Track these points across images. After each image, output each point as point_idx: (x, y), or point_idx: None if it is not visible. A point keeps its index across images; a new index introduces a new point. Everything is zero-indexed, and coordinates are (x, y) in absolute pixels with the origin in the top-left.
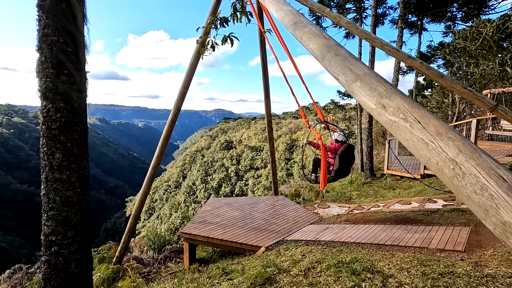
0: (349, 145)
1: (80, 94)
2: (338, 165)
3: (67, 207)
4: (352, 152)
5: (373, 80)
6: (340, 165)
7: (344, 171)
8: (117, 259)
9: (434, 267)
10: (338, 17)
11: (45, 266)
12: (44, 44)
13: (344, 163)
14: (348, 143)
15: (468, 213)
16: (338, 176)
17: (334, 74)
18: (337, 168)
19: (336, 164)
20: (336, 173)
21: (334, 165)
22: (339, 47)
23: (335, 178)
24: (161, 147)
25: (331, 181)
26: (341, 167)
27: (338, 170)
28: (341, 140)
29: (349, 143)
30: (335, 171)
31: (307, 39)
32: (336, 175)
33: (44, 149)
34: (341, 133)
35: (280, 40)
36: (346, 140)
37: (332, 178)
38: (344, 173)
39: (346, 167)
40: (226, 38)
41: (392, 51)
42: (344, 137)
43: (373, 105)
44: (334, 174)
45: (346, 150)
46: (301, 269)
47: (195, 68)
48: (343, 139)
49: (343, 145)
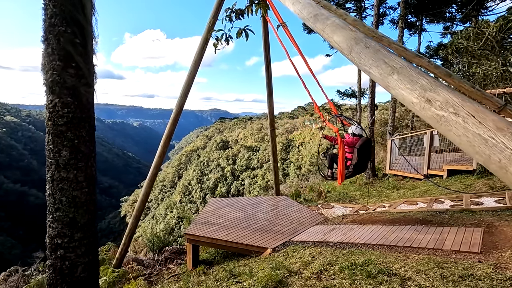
0: (367, 139)
1: (88, 89)
2: (356, 160)
3: (74, 208)
4: (370, 146)
5: (412, 72)
6: (359, 159)
7: (362, 166)
8: (117, 261)
9: (452, 269)
10: (345, 15)
11: (50, 270)
12: (51, 34)
13: (362, 158)
14: (366, 136)
15: (479, 213)
16: (356, 171)
17: (365, 67)
18: (355, 163)
19: (354, 158)
20: (354, 168)
21: (352, 159)
22: (369, 39)
23: (353, 173)
24: (163, 146)
25: (349, 176)
26: (359, 161)
27: (356, 164)
28: (359, 134)
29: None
30: (354, 166)
31: (330, 31)
32: (355, 170)
33: (50, 147)
34: (358, 126)
35: (289, 37)
36: (363, 134)
37: (350, 174)
38: (362, 168)
39: (364, 161)
40: (241, 31)
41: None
42: (361, 130)
43: (415, 99)
44: (353, 169)
45: (364, 144)
46: (313, 271)
47: (198, 65)
48: (360, 133)
49: (361, 139)
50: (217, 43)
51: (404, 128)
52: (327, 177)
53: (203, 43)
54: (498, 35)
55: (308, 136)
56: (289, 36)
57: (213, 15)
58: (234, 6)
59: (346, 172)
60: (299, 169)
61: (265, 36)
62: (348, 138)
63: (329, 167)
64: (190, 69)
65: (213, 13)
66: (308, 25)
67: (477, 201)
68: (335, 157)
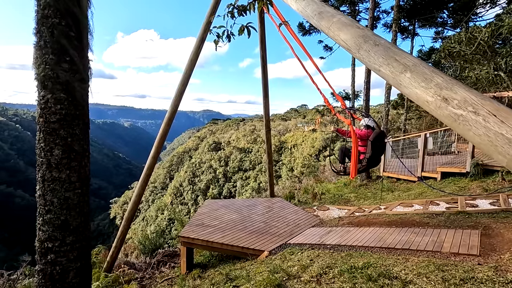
0: (381, 131)
1: (83, 84)
2: (370, 153)
3: (66, 210)
4: (384, 138)
5: (426, 70)
6: (373, 152)
7: (376, 160)
8: (108, 265)
9: (453, 272)
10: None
11: (40, 276)
12: (44, 27)
13: (376, 150)
14: (379, 128)
15: (475, 215)
16: (370, 165)
17: (375, 66)
18: (369, 156)
19: (368, 151)
20: (368, 161)
21: (366, 153)
22: (378, 36)
23: (367, 167)
24: (157, 147)
25: (363, 170)
26: (373, 154)
27: (370, 158)
28: (372, 126)
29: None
30: (367, 159)
31: (336, 29)
32: (368, 164)
33: (41, 145)
34: (370, 118)
35: (293, 35)
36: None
37: (363, 168)
38: (376, 161)
39: (378, 155)
40: (244, 27)
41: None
42: (374, 122)
43: (430, 98)
44: (366, 163)
45: (378, 136)
46: (312, 274)
47: (194, 64)
48: (373, 125)
49: (374, 131)
50: (218, 40)
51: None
52: (340, 172)
53: (199, 42)
54: (490, 40)
55: (300, 138)
56: (293, 34)
57: (210, 13)
58: (237, 2)
59: (359, 166)
60: (291, 171)
61: (261, 35)
62: (360, 131)
63: (341, 162)
64: (186, 69)
65: (210, 11)
66: (312, 23)
67: (472, 203)
68: (347, 151)
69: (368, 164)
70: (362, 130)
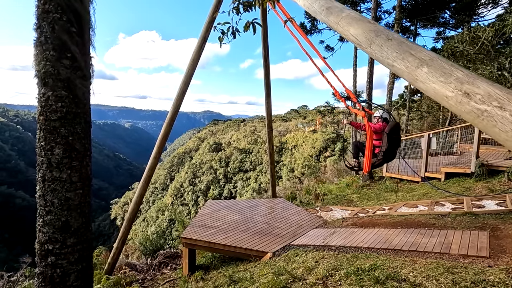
0: (396, 123)
1: (85, 82)
2: (386, 146)
3: (67, 211)
4: (400, 131)
5: (445, 64)
6: (389, 145)
7: (392, 153)
8: (109, 266)
9: (463, 274)
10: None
11: (40, 279)
12: (44, 22)
13: (392, 143)
14: (394, 121)
15: (481, 216)
16: (385, 159)
17: (388, 61)
18: (385, 149)
19: (384, 144)
20: (384, 155)
21: (381, 146)
22: (390, 31)
23: (383, 161)
24: (159, 147)
25: (378, 165)
26: (389, 148)
27: (386, 151)
28: (386, 118)
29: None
30: (383, 153)
31: (346, 24)
32: (384, 158)
33: (42, 144)
34: (385, 110)
35: (300, 32)
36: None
37: (379, 162)
38: (392, 155)
39: (394, 148)
40: (249, 24)
41: None
42: (388, 114)
43: (450, 93)
44: (382, 157)
45: (394, 128)
46: (318, 277)
47: (196, 64)
48: (387, 117)
49: (389, 124)
50: (222, 37)
51: None
52: (353, 168)
53: (202, 42)
54: (493, 39)
55: (301, 139)
56: (299, 31)
57: (213, 11)
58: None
59: (374, 160)
60: (292, 172)
61: (264, 34)
62: (374, 124)
63: (354, 157)
64: (188, 68)
65: (213, 9)
66: (319, 18)
67: (479, 204)
68: (361, 146)
69: (384, 158)
70: (376, 123)
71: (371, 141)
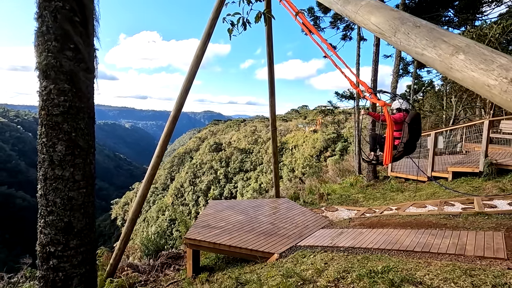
0: (417, 113)
1: (88, 75)
2: (407, 137)
3: (69, 211)
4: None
5: (484, 51)
6: (410, 136)
7: (413, 145)
8: (111, 267)
9: (482, 277)
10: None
11: (41, 283)
12: (46, 11)
13: (414, 134)
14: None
15: (494, 217)
16: (406, 151)
17: (416, 49)
18: (406, 141)
19: (404, 135)
20: (405, 146)
21: (402, 137)
22: (417, 18)
23: (403, 153)
24: (162, 146)
25: (398, 157)
26: (411, 139)
27: (407, 143)
28: (405, 108)
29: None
30: (404, 144)
31: (366, 12)
32: (405, 150)
33: (43, 140)
34: (404, 100)
35: (309, 26)
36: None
37: (399, 154)
38: (412, 147)
39: (415, 139)
40: (261, 14)
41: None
42: (408, 104)
43: (493, 81)
44: (403, 149)
45: (415, 118)
46: (329, 279)
47: (200, 60)
48: (407, 107)
49: (409, 113)
50: (232, 29)
51: None
52: (372, 161)
53: (206, 38)
54: (500, 37)
55: (301, 139)
56: (308, 25)
57: (217, 7)
58: None
59: (394, 152)
60: (292, 172)
61: (268, 32)
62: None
63: (372, 150)
64: (192, 65)
65: (217, 5)
66: (335, 9)
67: (490, 203)
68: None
69: (405, 150)
70: (395, 113)
71: (391, 132)
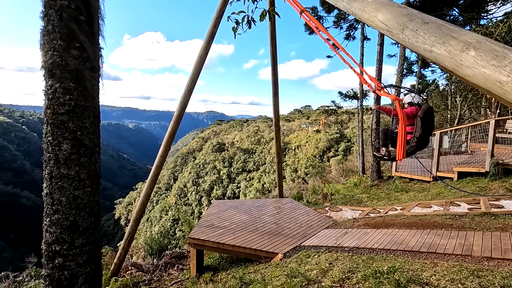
0: (430, 106)
1: (94, 73)
2: (420, 131)
3: (75, 209)
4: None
5: (496, 46)
6: (423, 130)
7: (426, 139)
8: (115, 267)
9: (490, 278)
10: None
11: (47, 282)
12: (52, 10)
13: (427, 128)
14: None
15: (501, 217)
16: (419, 146)
17: (425, 46)
18: (419, 135)
19: (417, 130)
20: (418, 141)
21: (415, 132)
22: (426, 14)
23: (416, 148)
24: (166, 145)
25: (411, 152)
26: (424, 133)
27: (420, 137)
28: (417, 102)
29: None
30: (417, 139)
31: (373, 10)
32: (418, 144)
33: (49, 139)
34: (416, 94)
35: (316, 22)
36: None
37: (412, 149)
38: (425, 141)
39: (428, 133)
40: (265, 13)
41: None
42: (420, 98)
43: (505, 77)
44: (416, 143)
45: (428, 112)
46: (334, 279)
47: (204, 60)
48: (419, 101)
49: (421, 107)
50: (236, 27)
51: None
52: (384, 157)
53: (209, 38)
54: (507, 35)
55: (304, 139)
56: (313, 21)
57: (221, 6)
58: None
59: (407, 147)
60: (295, 172)
61: (272, 32)
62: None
63: (383, 145)
64: (195, 65)
65: (220, 4)
66: (341, 6)
67: (497, 204)
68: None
69: (418, 145)
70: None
71: (404, 126)
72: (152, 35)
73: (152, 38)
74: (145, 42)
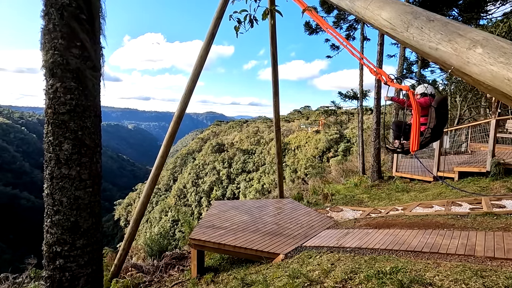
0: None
1: (95, 73)
2: (434, 122)
3: (76, 210)
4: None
5: (503, 44)
6: (437, 121)
7: (440, 131)
8: (116, 268)
9: (494, 278)
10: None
11: (47, 283)
12: (53, 8)
13: (441, 119)
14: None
15: (504, 217)
16: (433, 137)
17: (430, 44)
18: (433, 126)
19: (431, 120)
20: (432, 132)
21: (429, 122)
22: (430, 12)
23: (430, 139)
24: (166, 146)
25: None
26: (438, 124)
27: (434, 128)
28: (430, 93)
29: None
30: (431, 130)
31: (377, 8)
32: (432, 136)
33: (50, 139)
34: (428, 85)
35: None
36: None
37: (426, 140)
38: (439, 132)
39: (442, 124)
40: (268, 11)
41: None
42: (433, 88)
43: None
44: (430, 135)
45: (442, 102)
46: (337, 280)
47: (204, 60)
48: (432, 91)
49: (435, 98)
50: (238, 26)
51: None
52: (397, 149)
53: (210, 38)
54: (507, 35)
55: (304, 139)
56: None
57: (221, 6)
58: None
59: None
60: (295, 173)
61: (272, 32)
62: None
63: (396, 137)
64: (196, 65)
65: (221, 4)
66: (343, 5)
67: (499, 204)
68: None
69: (432, 136)
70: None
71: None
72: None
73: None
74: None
